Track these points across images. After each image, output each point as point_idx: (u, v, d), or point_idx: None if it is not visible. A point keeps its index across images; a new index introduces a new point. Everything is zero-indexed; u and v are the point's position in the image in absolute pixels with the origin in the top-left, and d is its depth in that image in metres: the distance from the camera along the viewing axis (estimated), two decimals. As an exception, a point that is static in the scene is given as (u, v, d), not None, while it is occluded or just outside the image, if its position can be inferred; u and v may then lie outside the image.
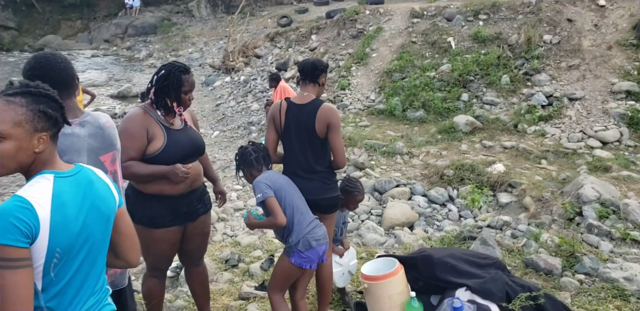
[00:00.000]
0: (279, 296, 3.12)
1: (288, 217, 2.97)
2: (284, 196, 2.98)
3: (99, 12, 31.73)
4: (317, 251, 2.99)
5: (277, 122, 3.19)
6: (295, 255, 2.99)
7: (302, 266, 3.00)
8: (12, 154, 1.50)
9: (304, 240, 2.96)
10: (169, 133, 2.89)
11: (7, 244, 1.40)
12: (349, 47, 11.93)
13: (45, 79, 2.40)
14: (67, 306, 1.59)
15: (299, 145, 3.17)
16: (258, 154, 3.16)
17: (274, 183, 3.00)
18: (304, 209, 3.03)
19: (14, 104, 1.51)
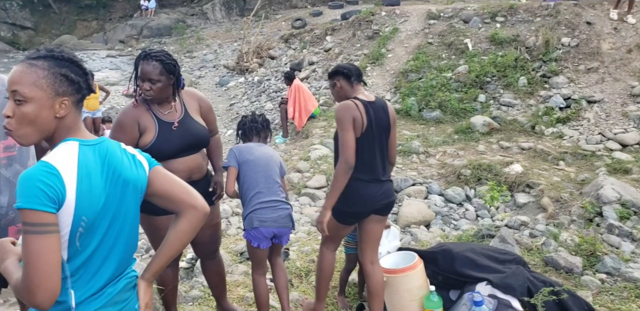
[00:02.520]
0: (257, 275, 3.26)
1: (243, 192, 3.13)
2: (245, 171, 3.11)
3: (115, 13, 32.01)
4: (262, 232, 3.06)
5: (358, 123, 2.91)
6: (245, 231, 3.16)
7: (252, 243, 3.12)
8: (32, 117, 1.48)
9: (249, 218, 3.09)
10: (161, 126, 2.81)
11: (35, 209, 1.38)
12: (364, 48, 11.91)
13: None
14: (91, 277, 1.56)
15: (379, 146, 3.04)
16: (252, 125, 3.30)
17: (242, 156, 3.14)
18: (265, 189, 3.10)
19: (36, 67, 1.49)
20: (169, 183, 1.69)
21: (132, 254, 1.71)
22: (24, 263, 1.40)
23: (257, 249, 3.18)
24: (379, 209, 3.13)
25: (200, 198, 1.69)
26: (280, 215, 3.14)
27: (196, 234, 1.71)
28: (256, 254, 3.24)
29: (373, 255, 3.26)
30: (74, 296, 1.52)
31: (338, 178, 2.90)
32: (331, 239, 3.26)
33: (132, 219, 1.66)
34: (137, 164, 1.65)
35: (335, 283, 3.97)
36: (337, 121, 2.94)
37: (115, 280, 1.63)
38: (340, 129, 2.90)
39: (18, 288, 1.43)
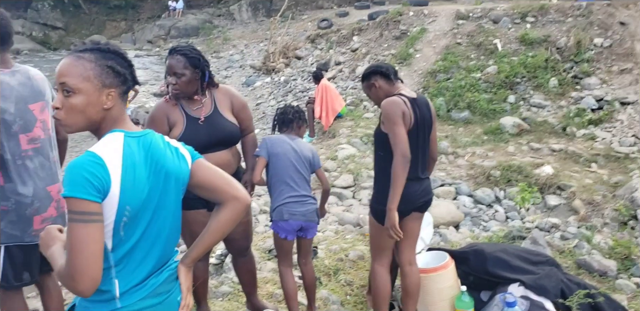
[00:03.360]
0: (284, 267, 3.31)
1: (272, 185, 3.21)
2: (275, 163, 3.17)
3: (143, 13, 32.45)
4: (291, 225, 3.15)
5: (407, 118, 2.85)
6: (273, 222, 3.24)
7: (279, 234, 3.21)
8: (81, 108, 1.51)
9: (279, 210, 3.16)
10: (189, 121, 2.84)
11: (80, 198, 1.40)
12: (392, 48, 11.86)
13: None
14: (135, 267, 1.58)
15: (422, 142, 2.99)
16: (287, 116, 3.33)
17: (273, 148, 3.18)
18: (294, 183, 3.17)
19: (83, 59, 1.52)
20: (211, 174, 1.70)
21: (174, 245, 1.73)
22: (68, 250, 1.43)
23: (284, 241, 3.26)
24: (419, 207, 3.09)
25: (242, 189, 1.70)
26: (308, 209, 3.21)
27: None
28: (283, 246, 3.30)
29: (411, 255, 3.20)
30: (118, 286, 1.54)
31: (398, 174, 2.79)
32: (380, 250, 3.14)
33: (174, 210, 1.68)
34: (180, 156, 1.67)
35: (364, 282, 3.96)
36: (387, 116, 2.85)
37: (158, 271, 1.64)
38: (392, 123, 2.81)
39: (61, 275, 1.45)
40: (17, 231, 2.60)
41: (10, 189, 2.56)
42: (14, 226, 2.59)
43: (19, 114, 2.56)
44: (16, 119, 2.56)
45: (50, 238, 1.61)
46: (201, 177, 1.68)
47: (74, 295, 1.50)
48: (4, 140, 2.54)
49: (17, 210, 2.58)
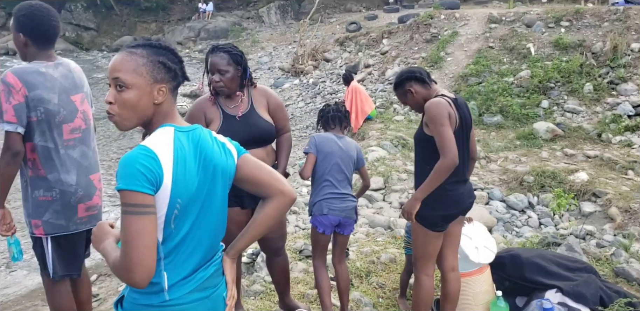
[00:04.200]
0: (318, 262, 3.34)
1: (316, 180, 3.26)
2: (321, 160, 3.22)
3: (174, 15, 32.86)
4: (329, 219, 3.21)
5: (452, 120, 2.79)
6: (312, 216, 3.29)
7: (317, 228, 3.25)
8: (134, 103, 1.53)
9: (319, 204, 3.22)
10: (226, 118, 2.86)
11: (135, 190, 1.42)
12: (422, 51, 11.79)
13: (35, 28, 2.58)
14: (183, 260, 1.59)
15: (465, 145, 2.92)
16: (335, 114, 3.36)
17: (322, 146, 3.22)
18: (336, 181, 3.23)
19: (136, 55, 1.54)
20: (257, 168, 1.71)
21: (220, 239, 1.73)
22: (123, 242, 1.44)
23: (321, 236, 3.29)
24: (464, 209, 3.03)
25: (287, 184, 1.70)
26: (348, 206, 3.26)
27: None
28: (319, 241, 3.33)
29: (455, 261, 3.14)
30: (166, 278, 1.55)
31: (440, 174, 2.72)
32: (426, 258, 3.05)
33: (221, 205, 1.68)
34: (227, 151, 1.68)
35: (396, 285, 3.92)
36: (433, 118, 2.76)
37: (205, 265, 1.65)
38: (439, 125, 2.73)
39: (116, 267, 1.47)
40: (63, 221, 2.68)
41: (53, 179, 2.64)
42: (59, 215, 2.67)
43: (62, 104, 2.65)
44: (60, 110, 2.64)
45: (102, 233, 1.63)
46: (247, 171, 1.69)
47: (129, 286, 1.52)
48: (48, 130, 2.61)
49: (62, 199, 2.66)
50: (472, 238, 3.42)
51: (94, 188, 2.79)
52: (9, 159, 2.53)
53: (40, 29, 2.62)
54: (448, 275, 3.13)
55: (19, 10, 2.63)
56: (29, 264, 5.40)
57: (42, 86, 2.58)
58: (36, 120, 2.57)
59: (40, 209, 2.65)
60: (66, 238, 2.73)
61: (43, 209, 2.65)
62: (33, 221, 2.67)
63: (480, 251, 3.43)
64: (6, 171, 2.55)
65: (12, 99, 2.50)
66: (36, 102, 2.56)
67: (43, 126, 2.60)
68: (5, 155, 2.53)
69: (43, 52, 2.67)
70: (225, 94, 2.90)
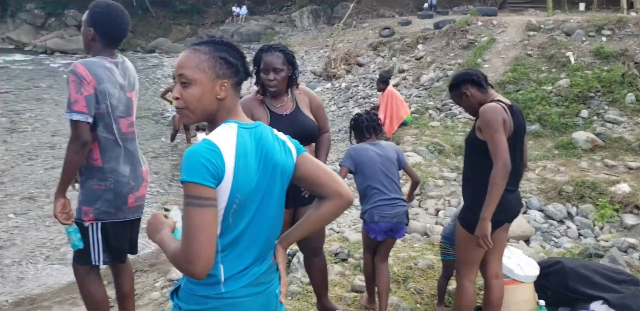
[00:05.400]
0: (367, 253, 3.53)
1: (363, 191, 3.36)
2: (364, 170, 3.30)
3: (208, 18, 33.33)
4: (380, 226, 3.30)
5: (507, 126, 2.74)
6: (364, 223, 3.42)
7: (369, 234, 3.38)
8: (197, 98, 1.57)
9: (369, 212, 3.30)
10: (273, 117, 2.90)
11: (198, 183, 1.45)
12: (458, 58, 11.70)
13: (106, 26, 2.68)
14: (239, 254, 1.60)
15: (518, 153, 2.87)
16: (369, 123, 3.43)
17: (359, 157, 3.32)
18: (384, 187, 3.29)
19: (199, 51, 1.59)
20: (315, 168, 1.72)
21: (277, 237, 1.75)
22: (184, 233, 1.47)
23: (372, 240, 3.41)
24: (511, 217, 2.99)
25: (345, 186, 1.71)
26: (398, 212, 3.32)
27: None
28: (370, 243, 3.48)
29: (499, 268, 3.09)
30: (223, 271, 1.58)
31: (498, 185, 2.66)
32: (469, 264, 3.01)
33: (279, 202, 1.70)
34: (287, 149, 1.70)
35: (434, 291, 3.87)
36: (487, 123, 2.71)
37: (260, 261, 1.66)
38: (493, 130, 2.69)
39: (176, 257, 1.50)
40: (112, 209, 2.78)
41: (109, 170, 2.74)
42: (109, 204, 2.76)
43: (121, 100, 2.77)
44: (119, 105, 2.75)
45: (158, 223, 1.66)
46: (306, 170, 1.71)
47: (187, 276, 1.54)
48: (110, 123, 2.72)
49: (115, 189, 2.76)
50: (510, 257, 3.39)
51: (142, 179, 2.92)
52: (78, 148, 2.61)
53: (110, 28, 2.73)
54: (491, 281, 3.08)
55: (95, 6, 2.75)
56: (66, 257, 5.50)
57: (109, 81, 2.69)
58: (101, 112, 2.67)
59: (93, 197, 2.74)
60: (113, 225, 2.82)
61: (95, 198, 2.74)
62: (84, 207, 2.77)
63: (524, 267, 3.39)
64: (74, 160, 2.63)
65: (84, 89, 2.59)
66: (103, 95, 2.65)
67: (106, 119, 2.70)
68: (74, 144, 2.61)
69: (107, 50, 2.78)
70: (276, 93, 2.94)
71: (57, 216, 2.71)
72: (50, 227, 6.33)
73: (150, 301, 4.25)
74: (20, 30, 32.56)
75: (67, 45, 29.44)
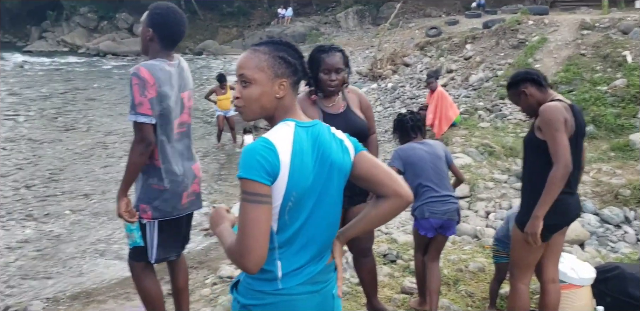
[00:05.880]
0: (418, 253, 3.58)
1: (413, 188, 3.21)
2: (414, 170, 3.32)
3: (254, 20, 33.72)
4: (431, 223, 3.32)
5: (568, 126, 2.68)
6: (414, 220, 3.44)
7: (419, 231, 3.40)
8: (256, 97, 1.60)
9: (420, 208, 3.33)
10: (325, 117, 2.90)
11: (253, 179, 1.49)
12: (508, 57, 11.45)
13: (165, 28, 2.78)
14: (296, 252, 1.62)
15: (578, 154, 2.79)
16: (414, 123, 3.45)
17: (408, 157, 3.34)
18: (434, 185, 3.32)
19: (258, 52, 1.62)
20: (373, 167, 1.72)
21: (333, 236, 1.75)
22: (239, 228, 1.51)
23: (423, 237, 3.43)
24: (570, 221, 2.92)
25: (405, 185, 1.71)
26: (450, 208, 3.33)
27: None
28: (421, 241, 3.50)
29: (555, 272, 3.03)
30: (280, 267, 1.60)
31: (556, 184, 2.61)
32: (524, 267, 2.96)
33: (336, 201, 1.70)
34: (344, 148, 1.70)
35: (485, 295, 3.80)
36: (548, 122, 2.66)
37: (317, 259, 1.67)
38: (554, 130, 2.63)
39: (231, 251, 1.54)
40: (169, 208, 2.85)
41: (166, 170, 2.81)
42: (167, 203, 2.84)
43: (177, 101, 2.84)
44: (175, 106, 2.82)
45: (219, 217, 1.71)
46: (364, 169, 1.71)
47: (242, 270, 1.57)
48: (165, 124, 2.79)
49: (172, 188, 2.83)
50: (563, 261, 3.30)
51: (195, 176, 2.98)
52: (143, 149, 2.70)
53: (169, 30, 2.79)
54: (548, 286, 3.02)
55: (155, 7, 2.81)
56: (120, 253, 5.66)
57: (167, 83, 2.76)
58: (160, 114, 2.74)
59: (152, 195, 2.82)
60: (169, 222, 2.90)
61: (154, 196, 2.82)
62: (142, 205, 2.84)
63: (578, 271, 3.30)
64: (138, 161, 2.72)
65: (147, 92, 2.66)
66: (162, 97, 2.73)
67: (163, 120, 2.77)
68: (139, 145, 2.69)
69: (165, 51, 2.84)
70: (334, 93, 2.97)
71: (121, 215, 2.78)
72: (105, 224, 6.53)
73: (200, 297, 4.32)
74: (74, 34, 33.73)
75: (119, 47, 30.34)
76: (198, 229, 6.12)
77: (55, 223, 6.58)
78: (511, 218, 3.33)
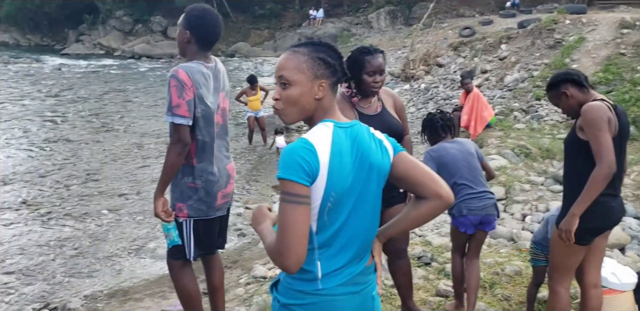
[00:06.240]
0: (457, 255, 3.55)
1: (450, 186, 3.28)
2: (448, 169, 3.31)
3: (285, 22, 33.93)
4: (470, 219, 3.32)
5: (611, 126, 2.61)
6: (453, 218, 3.44)
7: (458, 228, 3.40)
8: (296, 99, 1.60)
9: (458, 206, 3.32)
10: (362, 118, 2.89)
11: (293, 180, 1.49)
12: (545, 58, 11.24)
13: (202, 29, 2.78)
14: (336, 252, 1.62)
15: (621, 155, 2.71)
16: (444, 123, 3.43)
17: (440, 157, 3.34)
18: (470, 182, 3.32)
19: (298, 53, 1.62)
20: (413, 167, 1.71)
21: (373, 237, 1.74)
22: (278, 228, 1.52)
23: (462, 235, 3.44)
24: (613, 224, 2.85)
25: (445, 186, 1.69)
26: (487, 204, 3.35)
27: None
28: (459, 239, 3.50)
29: (598, 277, 2.96)
30: (320, 267, 1.60)
31: (598, 184, 2.56)
32: (564, 270, 2.89)
33: (375, 202, 1.70)
34: (383, 149, 1.69)
35: (523, 299, 3.73)
36: (591, 122, 2.60)
37: (357, 261, 1.67)
38: (597, 129, 2.57)
39: (271, 250, 1.55)
40: (204, 207, 2.90)
41: (201, 169, 2.86)
42: (201, 202, 2.89)
43: (213, 103, 2.88)
44: (210, 108, 2.86)
45: (261, 215, 1.72)
46: (403, 170, 1.70)
47: (281, 269, 1.58)
48: (203, 125, 2.83)
49: (206, 188, 2.88)
50: (604, 266, 3.19)
51: (229, 176, 3.02)
52: (180, 150, 2.74)
53: (206, 32, 2.83)
54: (590, 291, 2.95)
55: (192, 10, 2.86)
56: (156, 253, 5.75)
57: (204, 86, 2.80)
58: (196, 116, 2.79)
59: (187, 194, 2.87)
60: (204, 222, 2.95)
61: (189, 195, 2.87)
62: (178, 204, 2.90)
63: (619, 275, 3.22)
64: (175, 161, 2.76)
65: (185, 94, 2.71)
66: (199, 99, 2.77)
67: (199, 121, 2.81)
68: (176, 146, 2.74)
69: (202, 53, 2.88)
70: (374, 95, 2.98)
71: (158, 214, 2.83)
72: (140, 223, 6.65)
73: (235, 297, 4.35)
74: (110, 37, 34.50)
75: (153, 50, 30.90)
76: (232, 229, 6.18)
77: (93, 222, 6.73)
78: (550, 221, 3.28)
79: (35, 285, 5.13)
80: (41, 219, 6.80)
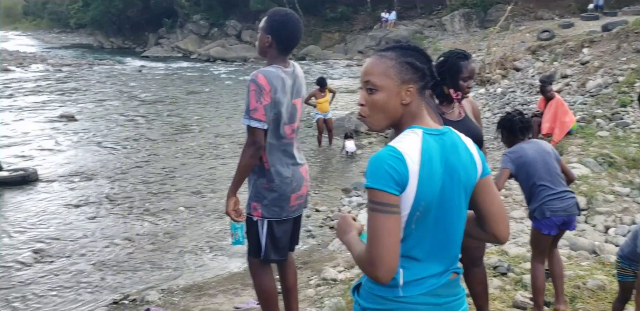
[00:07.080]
0: (538, 262, 3.49)
1: (529, 189, 3.39)
2: (527, 170, 3.33)
3: (356, 25, 33.92)
4: (553, 221, 3.32)
5: None
6: (534, 221, 3.41)
7: (541, 230, 3.38)
8: (383, 105, 1.56)
9: (539, 209, 3.33)
10: (446, 124, 2.80)
11: (382, 190, 1.46)
12: (631, 62, 10.65)
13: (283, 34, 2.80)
14: (419, 261, 1.58)
15: None
16: (523, 125, 3.42)
17: (519, 158, 3.34)
18: (549, 183, 3.31)
19: (385, 57, 1.58)
20: (490, 201, 1.67)
21: (458, 250, 1.69)
22: (369, 238, 1.49)
23: (545, 237, 3.42)
24: None
25: (506, 229, 1.69)
26: (569, 204, 3.35)
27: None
28: (541, 242, 3.48)
29: None
30: (402, 275, 1.57)
31: None
32: None
33: (460, 213, 1.64)
34: (472, 165, 1.63)
35: (607, 315, 3.55)
36: None
37: (441, 272, 1.62)
38: None
39: (361, 260, 1.52)
40: (277, 208, 2.96)
41: (274, 172, 2.92)
42: (275, 203, 2.95)
43: (288, 108, 2.92)
44: (287, 113, 2.91)
45: (347, 224, 1.69)
46: (481, 198, 1.66)
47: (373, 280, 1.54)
48: (275, 129, 2.90)
49: (280, 190, 2.93)
50: None
51: (303, 178, 3.06)
52: (253, 152, 2.82)
53: (287, 36, 2.86)
54: None
55: (274, 14, 2.90)
56: (229, 250, 5.89)
57: (281, 91, 2.84)
58: (272, 120, 2.84)
59: (262, 194, 2.94)
60: (278, 223, 2.99)
61: (264, 195, 2.94)
62: (253, 203, 2.96)
63: None
64: (249, 163, 2.84)
65: (263, 99, 2.77)
66: (275, 104, 2.82)
67: (274, 125, 2.87)
68: (250, 148, 2.82)
69: (281, 56, 2.92)
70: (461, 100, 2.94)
71: (229, 213, 2.91)
72: (215, 221, 6.84)
73: (305, 297, 4.39)
74: (187, 40, 35.73)
75: (228, 53, 31.71)
76: (301, 230, 6.23)
77: (170, 218, 6.98)
78: (639, 234, 3.11)
79: (116, 276, 5.38)
80: (122, 214, 7.14)
